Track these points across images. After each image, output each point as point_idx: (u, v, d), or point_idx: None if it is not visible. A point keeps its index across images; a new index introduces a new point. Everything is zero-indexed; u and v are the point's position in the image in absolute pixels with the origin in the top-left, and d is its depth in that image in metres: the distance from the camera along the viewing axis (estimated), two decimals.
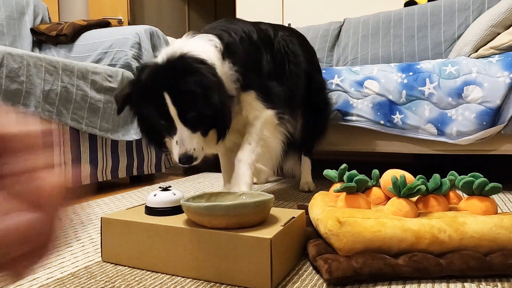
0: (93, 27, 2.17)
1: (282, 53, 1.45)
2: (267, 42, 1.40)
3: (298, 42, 1.59)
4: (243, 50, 1.27)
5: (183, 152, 1.09)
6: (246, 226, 0.78)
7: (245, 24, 1.37)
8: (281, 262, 0.78)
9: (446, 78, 1.67)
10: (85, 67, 1.66)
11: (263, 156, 1.29)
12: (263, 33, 1.41)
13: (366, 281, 0.78)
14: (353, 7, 3.03)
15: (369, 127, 1.81)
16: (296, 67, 1.50)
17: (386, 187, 0.94)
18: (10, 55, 1.35)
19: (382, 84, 1.79)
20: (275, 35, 1.46)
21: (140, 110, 1.17)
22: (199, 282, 0.78)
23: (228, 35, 1.26)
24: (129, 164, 1.93)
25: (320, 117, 1.72)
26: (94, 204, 1.51)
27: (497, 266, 0.78)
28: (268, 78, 1.33)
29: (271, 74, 1.35)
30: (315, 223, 0.94)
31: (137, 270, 0.85)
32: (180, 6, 5.19)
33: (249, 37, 1.32)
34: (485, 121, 1.60)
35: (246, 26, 1.35)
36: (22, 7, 2.14)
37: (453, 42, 2.24)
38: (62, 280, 0.80)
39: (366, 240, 0.79)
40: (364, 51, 2.53)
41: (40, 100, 1.45)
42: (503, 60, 1.62)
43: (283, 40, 1.48)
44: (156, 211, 0.89)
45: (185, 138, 1.09)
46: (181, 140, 1.09)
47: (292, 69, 1.47)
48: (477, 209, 0.86)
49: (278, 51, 1.44)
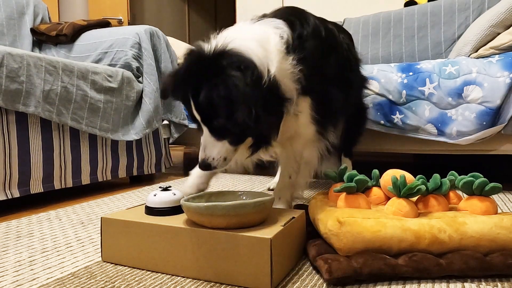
0: (93, 27, 2.17)
1: (344, 58, 1.30)
2: (333, 42, 1.24)
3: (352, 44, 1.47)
4: (314, 46, 1.08)
5: (202, 158, 0.98)
6: (246, 226, 0.79)
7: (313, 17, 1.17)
8: (281, 262, 0.78)
9: (446, 78, 1.67)
10: (85, 67, 1.66)
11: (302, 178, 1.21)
12: (330, 32, 1.23)
13: (366, 281, 0.78)
14: (353, 7, 3.03)
15: (369, 127, 1.81)
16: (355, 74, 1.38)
17: (386, 187, 0.94)
18: (10, 55, 1.36)
19: (382, 84, 1.79)
20: (338, 35, 1.30)
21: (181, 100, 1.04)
22: (199, 282, 0.78)
23: (301, 25, 1.07)
24: (129, 164, 1.93)
25: (361, 116, 1.69)
26: (94, 204, 1.51)
27: (497, 266, 0.78)
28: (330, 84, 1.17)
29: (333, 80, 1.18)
30: (315, 223, 0.94)
31: (137, 270, 0.85)
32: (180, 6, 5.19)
33: (320, 32, 1.13)
34: (485, 121, 1.60)
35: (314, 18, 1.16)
36: (22, 7, 2.14)
37: (453, 42, 2.24)
38: (62, 280, 0.80)
39: (366, 240, 0.79)
40: (364, 51, 2.53)
41: (40, 100, 1.45)
42: (503, 60, 1.62)
43: (345, 43, 1.35)
44: (156, 211, 0.89)
45: (207, 145, 0.97)
46: (204, 145, 0.98)
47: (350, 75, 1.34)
48: (477, 209, 0.86)
49: (341, 54, 1.28)
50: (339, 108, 1.25)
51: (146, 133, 1.92)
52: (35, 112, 1.43)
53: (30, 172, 1.44)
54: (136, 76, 1.94)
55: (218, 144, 0.97)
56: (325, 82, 1.14)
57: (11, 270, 0.86)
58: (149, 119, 1.93)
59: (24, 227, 1.20)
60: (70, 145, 1.62)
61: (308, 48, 1.06)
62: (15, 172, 1.39)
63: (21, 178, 1.42)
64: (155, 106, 1.96)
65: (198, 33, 5.45)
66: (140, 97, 1.94)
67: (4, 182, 1.36)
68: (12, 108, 1.37)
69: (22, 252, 0.97)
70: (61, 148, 1.58)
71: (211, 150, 0.97)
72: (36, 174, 1.47)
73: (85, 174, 1.69)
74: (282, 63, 0.99)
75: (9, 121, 1.38)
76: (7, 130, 1.37)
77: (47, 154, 1.51)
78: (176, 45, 2.54)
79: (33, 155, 1.46)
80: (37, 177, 1.48)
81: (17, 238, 1.08)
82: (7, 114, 1.37)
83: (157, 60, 2.05)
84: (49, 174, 1.52)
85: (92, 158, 1.72)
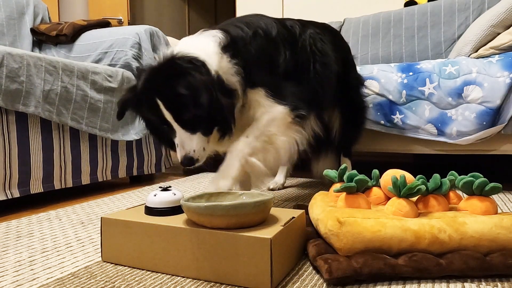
0: (93, 27, 2.17)
1: (307, 52, 1.38)
2: (289, 39, 1.33)
3: (330, 39, 1.51)
4: (254, 45, 1.22)
5: (183, 155, 1.08)
6: (246, 226, 0.78)
7: (267, 19, 1.31)
8: (281, 262, 0.78)
9: (446, 78, 1.67)
10: (85, 67, 1.66)
11: (264, 154, 1.20)
12: (286, 30, 1.34)
13: (366, 281, 0.78)
14: (353, 7, 3.03)
15: (369, 127, 1.81)
16: (323, 67, 1.42)
17: (386, 187, 0.94)
18: (10, 55, 1.36)
19: (382, 84, 1.79)
20: (301, 32, 1.39)
21: (142, 115, 1.17)
22: (199, 282, 0.78)
23: (238, 30, 1.22)
24: (129, 164, 1.93)
25: (358, 115, 1.69)
26: (94, 204, 1.51)
27: (497, 266, 0.78)
28: (284, 77, 1.27)
29: (289, 73, 1.29)
30: (315, 223, 0.94)
31: (137, 270, 0.85)
32: (180, 6, 5.19)
33: (265, 33, 1.26)
34: (485, 121, 1.60)
35: (266, 21, 1.30)
36: (22, 7, 2.14)
37: (453, 42, 2.24)
38: (62, 280, 0.80)
39: (366, 240, 0.79)
40: (364, 51, 2.53)
41: (40, 100, 1.45)
42: (503, 60, 1.62)
43: (311, 38, 1.41)
44: (156, 211, 0.89)
45: (184, 140, 1.08)
46: (181, 142, 1.09)
47: (318, 69, 1.39)
48: (477, 209, 0.86)
49: (302, 49, 1.37)
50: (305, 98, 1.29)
51: (146, 133, 1.92)
52: (35, 112, 1.43)
53: (30, 172, 1.44)
54: (136, 76, 1.94)
55: (194, 137, 1.09)
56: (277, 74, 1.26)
57: (11, 270, 0.86)
58: None
59: (24, 227, 1.20)
60: (70, 145, 1.62)
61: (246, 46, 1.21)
62: (15, 172, 1.39)
63: (21, 178, 1.42)
64: None
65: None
66: None
67: (4, 182, 1.36)
68: (12, 108, 1.37)
69: (22, 252, 0.97)
70: (61, 148, 1.58)
71: (189, 144, 1.08)
72: (36, 174, 1.47)
73: (85, 174, 1.69)
74: (221, 62, 1.14)
75: (9, 121, 1.38)
76: (7, 130, 1.37)
77: (47, 154, 1.51)
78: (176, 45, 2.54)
79: (33, 155, 1.46)
80: (37, 177, 1.48)
81: (17, 238, 1.08)
82: (7, 114, 1.37)
83: None
84: (49, 174, 1.52)
85: (92, 158, 1.72)
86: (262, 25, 1.27)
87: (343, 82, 1.56)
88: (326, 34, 1.50)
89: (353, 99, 1.66)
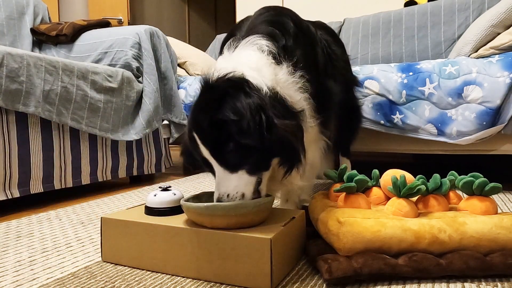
0: (93, 27, 2.17)
1: (325, 54, 1.28)
2: (314, 39, 1.21)
3: (332, 39, 1.46)
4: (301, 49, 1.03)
5: (216, 198, 0.84)
6: (246, 226, 0.78)
7: (292, 14, 1.14)
8: (281, 262, 0.78)
9: (446, 78, 1.67)
10: (85, 67, 1.66)
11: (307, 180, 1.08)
12: (308, 30, 1.20)
13: (366, 281, 0.78)
14: (353, 7, 3.03)
15: (369, 127, 1.81)
16: (336, 70, 1.35)
17: (386, 187, 0.94)
18: (10, 55, 1.36)
19: (382, 84, 1.79)
20: (316, 33, 1.28)
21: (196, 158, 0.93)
22: (199, 282, 0.78)
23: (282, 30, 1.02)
24: (129, 164, 1.93)
25: (354, 115, 1.68)
26: (94, 204, 1.51)
27: (497, 266, 0.78)
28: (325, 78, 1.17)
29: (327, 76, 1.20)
30: (315, 223, 0.94)
31: (137, 270, 0.85)
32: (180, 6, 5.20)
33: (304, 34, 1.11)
34: (485, 121, 1.60)
35: (294, 16, 1.13)
36: (22, 7, 2.14)
37: (453, 42, 2.24)
38: (62, 280, 0.80)
39: (366, 240, 0.79)
40: (364, 51, 2.53)
41: (40, 100, 1.45)
42: (503, 60, 1.62)
43: (324, 40, 1.34)
44: (156, 211, 0.89)
45: (219, 181, 0.84)
46: (217, 182, 0.85)
47: (332, 72, 1.31)
48: (477, 209, 0.86)
49: (321, 51, 1.25)
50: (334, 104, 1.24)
51: (146, 133, 1.93)
52: (35, 112, 1.43)
53: (30, 172, 1.44)
54: (136, 76, 1.94)
55: (233, 177, 0.83)
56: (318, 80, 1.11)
57: (11, 270, 0.86)
58: (149, 119, 1.93)
59: (24, 227, 1.20)
60: (70, 145, 1.62)
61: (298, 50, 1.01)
62: (15, 172, 1.39)
63: (21, 178, 1.42)
64: (155, 106, 1.96)
65: (198, 33, 5.45)
66: (140, 97, 1.94)
67: (4, 182, 1.36)
68: (12, 108, 1.37)
69: (22, 252, 0.97)
70: (61, 148, 1.58)
71: (226, 185, 0.83)
72: (36, 174, 1.47)
73: (85, 174, 1.69)
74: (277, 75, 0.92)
75: (9, 121, 1.38)
76: (7, 130, 1.37)
77: (47, 154, 1.51)
78: (176, 45, 2.54)
79: (33, 155, 1.46)
80: (37, 177, 1.48)
81: (17, 238, 1.08)
82: (7, 114, 1.37)
83: (157, 60, 2.05)
84: (49, 174, 1.52)
85: (92, 158, 1.72)
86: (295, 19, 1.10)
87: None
88: (329, 35, 1.49)
89: (350, 99, 1.64)
